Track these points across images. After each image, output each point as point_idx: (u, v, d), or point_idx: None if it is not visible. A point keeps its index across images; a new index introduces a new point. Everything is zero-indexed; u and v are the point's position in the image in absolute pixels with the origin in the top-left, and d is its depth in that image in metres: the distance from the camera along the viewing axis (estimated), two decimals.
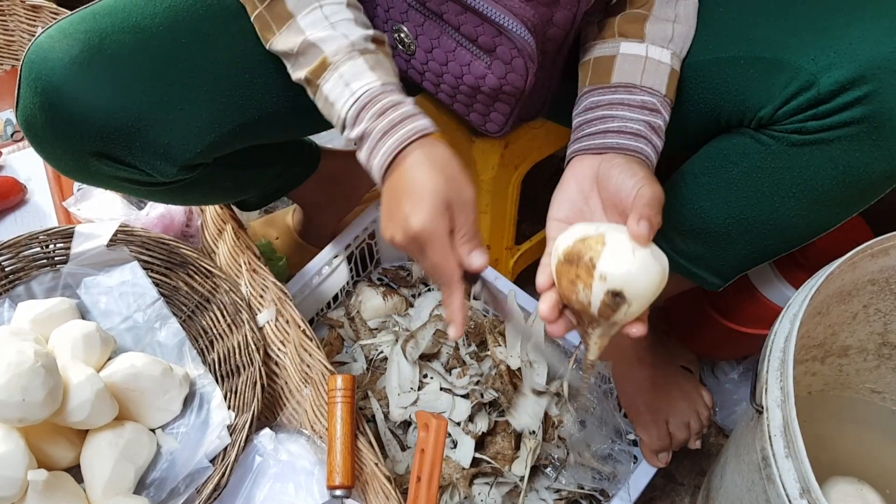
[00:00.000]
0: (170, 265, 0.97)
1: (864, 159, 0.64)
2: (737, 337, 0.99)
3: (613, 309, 0.57)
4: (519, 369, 0.98)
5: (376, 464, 0.81)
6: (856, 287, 0.80)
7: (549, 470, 0.95)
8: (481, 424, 0.96)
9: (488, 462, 0.94)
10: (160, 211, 1.04)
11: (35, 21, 1.29)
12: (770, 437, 0.63)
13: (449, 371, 1.02)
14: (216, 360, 0.94)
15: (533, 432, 0.95)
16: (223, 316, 0.94)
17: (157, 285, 0.98)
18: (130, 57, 0.69)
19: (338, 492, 0.80)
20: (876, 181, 0.66)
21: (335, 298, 1.15)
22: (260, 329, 0.92)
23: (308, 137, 1.04)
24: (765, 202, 0.71)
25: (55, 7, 1.27)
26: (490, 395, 0.96)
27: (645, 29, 0.70)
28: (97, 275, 0.97)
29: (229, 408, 0.90)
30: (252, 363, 0.89)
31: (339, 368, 1.09)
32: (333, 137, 1.34)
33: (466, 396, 0.98)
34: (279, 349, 0.93)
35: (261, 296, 0.94)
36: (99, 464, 0.82)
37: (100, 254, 0.96)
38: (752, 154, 0.69)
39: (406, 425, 1.00)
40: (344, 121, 0.66)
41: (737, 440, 0.80)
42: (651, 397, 0.94)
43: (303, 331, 0.88)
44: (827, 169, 0.66)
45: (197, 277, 0.96)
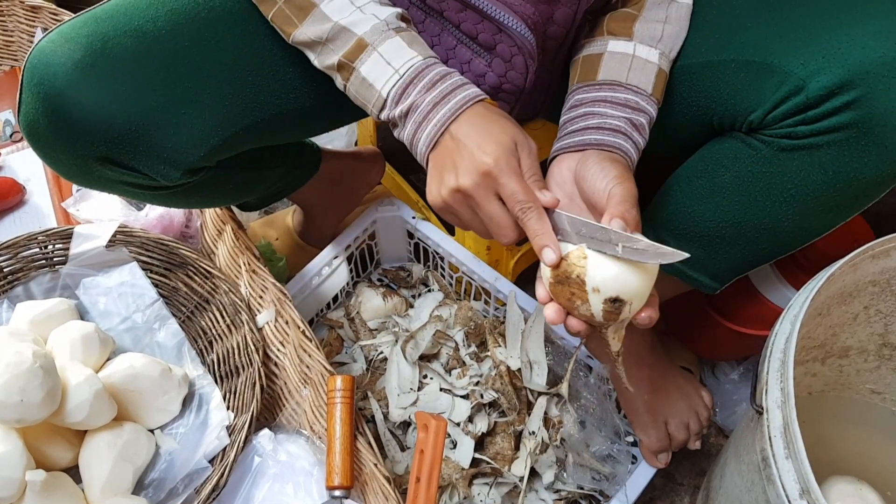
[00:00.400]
0: (169, 266, 0.97)
1: (854, 164, 0.64)
2: (737, 338, 0.99)
3: (617, 313, 0.58)
4: (519, 370, 0.98)
5: (375, 464, 0.81)
6: (857, 288, 0.80)
7: (549, 470, 0.95)
8: (481, 425, 0.95)
9: (488, 462, 0.94)
10: (159, 212, 1.03)
11: (34, 22, 1.29)
12: (770, 438, 0.63)
13: (449, 372, 1.01)
14: (215, 361, 0.94)
15: (533, 433, 0.95)
16: (222, 317, 0.94)
17: (157, 286, 0.97)
18: (133, 61, 0.69)
19: (337, 492, 0.80)
20: (866, 186, 0.66)
21: (335, 299, 1.15)
22: (259, 330, 0.92)
23: (309, 139, 1.04)
24: (757, 206, 0.71)
25: (54, 7, 1.27)
26: (490, 396, 0.96)
27: (634, 28, 0.70)
28: (96, 275, 0.97)
29: (228, 408, 0.90)
30: (251, 364, 0.89)
31: (339, 369, 1.09)
32: (334, 138, 1.34)
33: (466, 397, 0.97)
34: (278, 350, 0.92)
35: (260, 296, 0.94)
36: (97, 464, 0.81)
37: (99, 254, 0.96)
38: (744, 158, 0.69)
39: (405, 426, 0.99)
40: (385, 101, 0.66)
41: (737, 441, 0.80)
42: (650, 398, 0.94)
43: (302, 331, 0.88)
44: (817, 173, 0.65)
45: (196, 278, 0.96)
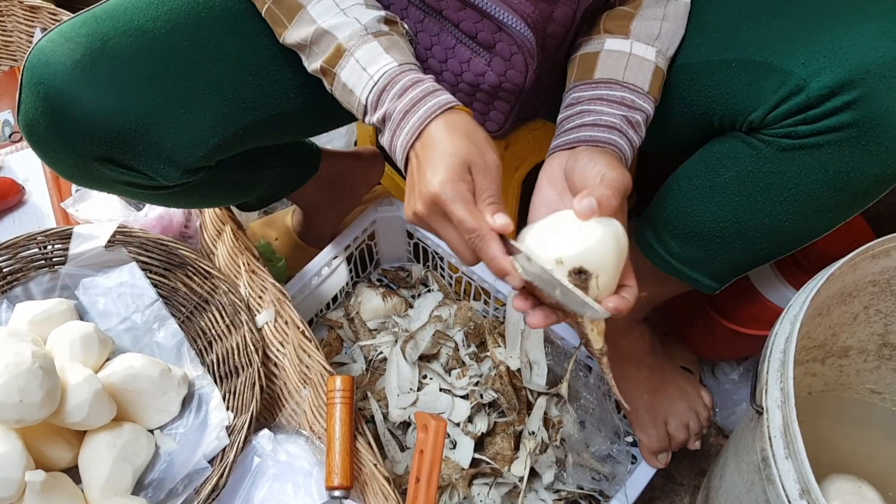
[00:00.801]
0: (168, 266, 0.97)
1: (854, 164, 0.64)
2: (737, 338, 0.99)
3: (584, 287, 0.56)
4: (519, 370, 0.98)
5: (375, 464, 0.81)
6: (856, 288, 0.80)
7: (549, 470, 0.95)
8: (481, 425, 0.95)
9: (488, 463, 0.94)
10: (158, 212, 1.03)
11: (33, 22, 1.29)
12: (770, 438, 0.63)
13: (448, 372, 1.01)
14: (215, 361, 0.94)
15: (532, 433, 0.95)
16: (222, 317, 0.94)
17: (156, 286, 0.97)
18: (133, 60, 0.68)
19: (336, 492, 0.80)
20: (866, 186, 0.66)
21: (334, 299, 1.15)
22: (259, 330, 0.92)
23: (309, 139, 1.04)
24: (757, 206, 0.71)
25: (53, 7, 1.26)
26: (489, 396, 0.96)
27: (630, 26, 0.70)
28: (95, 276, 0.97)
29: (228, 409, 0.90)
30: (251, 364, 0.89)
31: (339, 369, 1.09)
32: (333, 139, 1.34)
33: (466, 397, 0.97)
34: (278, 350, 0.92)
35: (260, 297, 0.94)
36: (97, 464, 0.81)
37: (98, 255, 0.96)
38: (744, 158, 0.69)
39: (405, 426, 0.99)
40: (365, 106, 0.66)
41: (736, 441, 0.79)
42: (650, 398, 0.94)
43: (302, 332, 0.88)
44: (817, 173, 0.65)
45: (195, 278, 0.96)
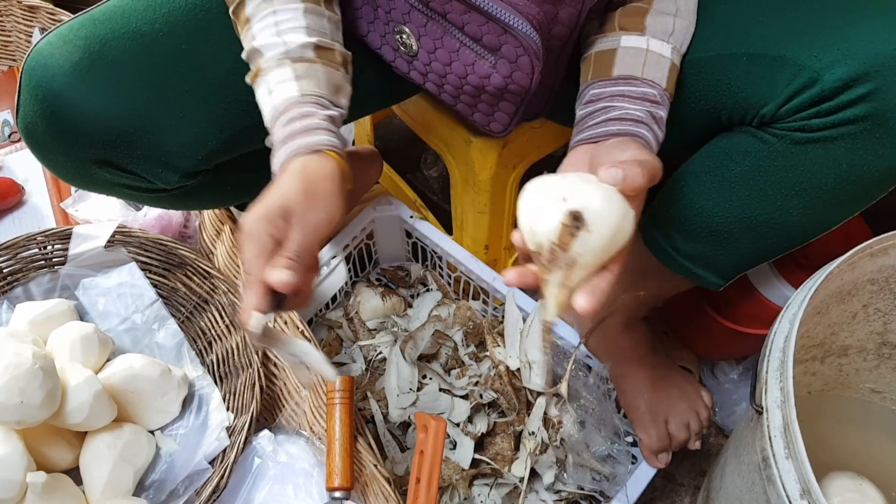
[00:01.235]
0: (168, 266, 0.97)
1: (867, 157, 0.64)
2: (736, 337, 0.99)
3: (572, 234, 0.55)
4: (518, 370, 0.98)
5: (375, 465, 0.81)
6: (855, 287, 0.80)
7: (549, 470, 0.95)
8: (480, 425, 0.95)
9: (488, 463, 0.94)
10: (158, 212, 1.03)
11: (32, 22, 1.29)
12: (770, 438, 0.63)
13: (448, 372, 1.01)
14: (215, 362, 0.94)
15: (532, 433, 0.95)
16: (222, 317, 0.94)
17: (156, 286, 0.97)
18: (131, 63, 0.68)
19: (337, 493, 0.80)
20: (879, 179, 0.66)
21: (333, 299, 1.15)
22: None
23: None
24: (767, 201, 0.71)
25: (52, 7, 1.26)
26: (489, 396, 0.96)
27: (646, 22, 0.70)
28: (95, 276, 0.97)
29: (228, 409, 0.90)
30: (251, 364, 0.89)
31: (338, 369, 1.09)
32: None
33: (465, 397, 0.97)
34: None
35: None
36: (98, 466, 0.81)
37: (98, 255, 0.96)
38: (755, 152, 0.69)
39: (405, 426, 0.99)
40: (267, 127, 0.66)
41: (737, 440, 0.79)
42: (650, 398, 0.94)
43: (301, 332, 0.88)
44: (830, 166, 0.65)
45: (195, 278, 0.96)
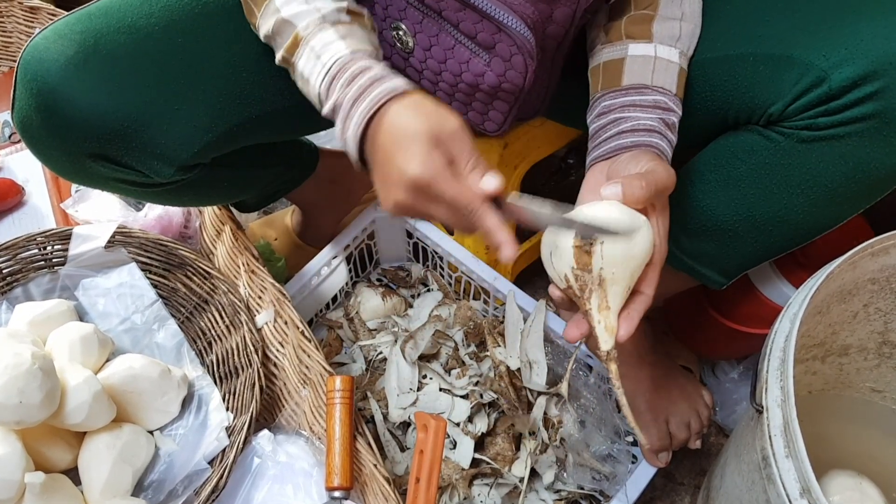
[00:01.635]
0: (168, 266, 0.97)
1: (874, 155, 0.64)
2: (737, 336, 0.99)
3: (587, 251, 0.56)
4: (518, 370, 0.98)
5: (375, 465, 0.81)
6: (856, 286, 0.80)
7: (549, 470, 0.94)
8: (481, 425, 0.95)
9: (488, 463, 0.94)
10: (158, 212, 1.03)
11: (33, 23, 1.29)
12: (770, 437, 0.63)
13: (448, 372, 1.01)
14: (214, 362, 0.94)
15: (533, 433, 0.95)
16: (221, 317, 0.94)
17: (156, 287, 0.97)
18: (126, 57, 0.69)
19: (336, 493, 0.80)
20: (885, 177, 0.66)
21: (334, 299, 1.15)
22: (258, 330, 0.92)
23: (306, 138, 1.04)
24: (773, 199, 0.71)
25: (53, 8, 1.27)
26: (489, 396, 0.96)
27: (652, 29, 0.70)
28: (95, 276, 0.97)
29: (228, 409, 0.89)
30: (251, 364, 0.89)
31: (338, 369, 1.09)
32: (332, 138, 1.34)
33: (466, 397, 0.97)
34: (278, 350, 0.92)
35: (259, 297, 0.94)
36: (97, 466, 0.81)
37: (98, 255, 0.95)
38: (761, 151, 0.69)
39: (405, 426, 0.99)
40: (319, 95, 0.65)
41: (737, 440, 0.79)
42: (651, 397, 0.94)
43: (301, 332, 0.87)
44: (837, 165, 0.66)
45: (195, 279, 0.96)
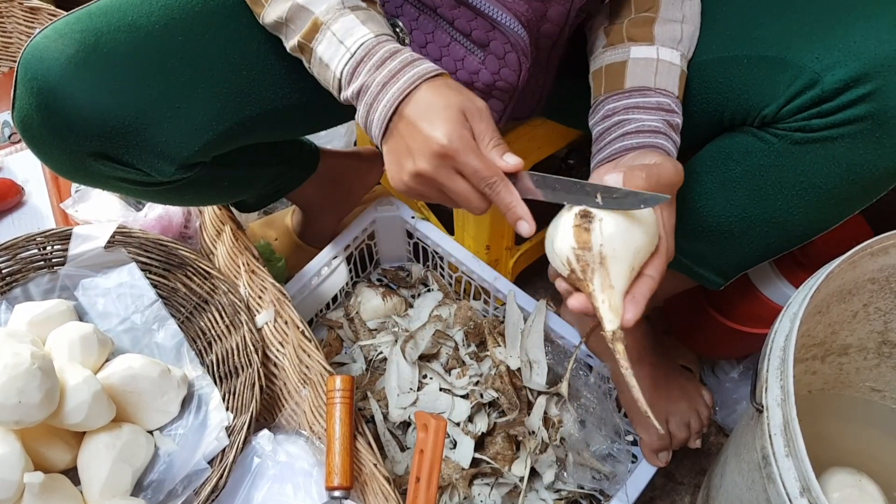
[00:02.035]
0: (168, 266, 0.97)
1: (868, 157, 0.64)
2: (737, 336, 0.99)
3: (587, 229, 0.57)
4: (519, 369, 0.98)
5: (375, 464, 0.81)
6: (856, 286, 0.80)
7: (549, 470, 0.94)
8: (481, 425, 0.95)
9: (488, 462, 0.94)
10: (158, 212, 1.03)
11: (33, 23, 1.29)
12: (770, 436, 0.63)
13: (448, 371, 1.01)
14: (214, 362, 0.94)
15: (533, 433, 0.95)
16: (221, 317, 0.94)
17: (156, 287, 0.97)
18: (126, 56, 0.69)
19: (336, 493, 0.80)
20: (879, 178, 0.66)
21: (334, 299, 1.15)
22: (258, 330, 0.92)
23: (307, 138, 1.04)
24: (768, 200, 0.71)
25: (53, 9, 1.27)
26: (489, 396, 0.96)
27: (654, 31, 0.70)
28: (95, 276, 0.97)
29: (228, 409, 0.89)
30: (251, 364, 0.89)
31: (338, 369, 1.09)
32: (333, 139, 1.34)
33: (466, 397, 0.97)
34: (278, 350, 0.92)
35: (259, 297, 0.94)
36: (96, 466, 0.81)
37: (97, 255, 0.95)
38: (756, 152, 0.69)
39: (405, 426, 0.99)
40: (340, 80, 0.65)
41: (737, 439, 0.79)
42: (651, 397, 0.94)
43: (301, 332, 0.87)
44: (830, 166, 0.66)
45: (195, 279, 0.96)
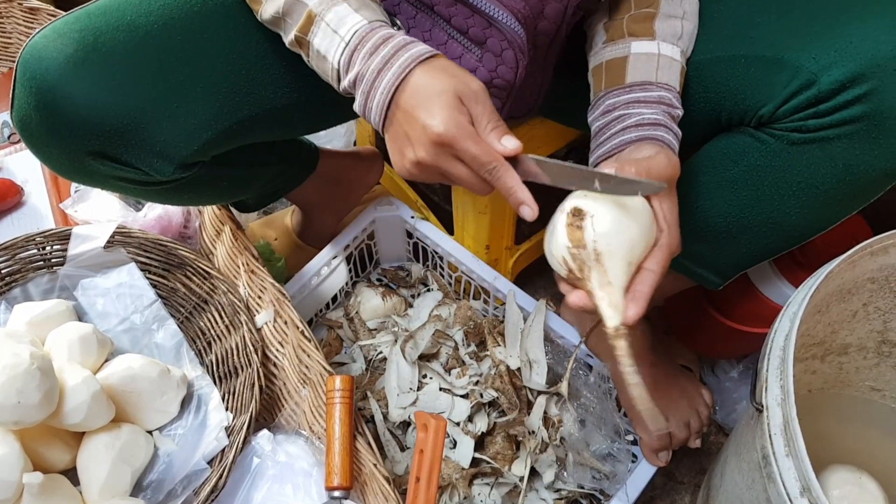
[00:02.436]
0: (167, 266, 0.97)
1: (864, 157, 0.64)
2: (737, 336, 0.99)
3: (579, 226, 0.57)
4: (518, 369, 0.98)
5: (375, 464, 0.81)
6: (855, 285, 0.80)
7: (549, 469, 0.94)
8: (480, 424, 0.95)
9: (488, 462, 0.94)
10: (158, 212, 1.03)
11: (33, 23, 1.29)
12: (770, 436, 0.63)
13: (448, 371, 1.01)
14: (214, 362, 0.94)
15: (532, 432, 0.95)
16: (221, 317, 0.94)
17: (155, 287, 0.97)
18: (125, 55, 0.69)
19: (336, 493, 0.80)
20: (876, 179, 0.66)
21: (334, 299, 1.15)
22: (258, 330, 0.92)
23: (306, 138, 1.04)
24: (765, 201, 0.71)
25: (52, 9, 1.26)
26: (489, 396, 0.96)
27: (654, 27, 0.70)
28: (94, 276, 0.97)
29: (227, 409, 0.89)
30: (250, 364, 0.88)
31: (338, 369, 1.09)
32: (333, 138, 1.34)
33: (466, 397, 0.97)
34: (277, 350, 0.92)
35: (259, 297, 0.94)
36: (95, 466, 0.81)
37: (97, 255, 0.95)
38: (753, 153, 0.69)
39: (405, 426, 0.99)
40: (338, 71, 0.64)
41: (737, 439, 0.79)
42: (651, 396, 0.94)
43: (301, 332, 0.87)
44: (827, 167, 0.66)
45: (195, 279, 0.96)
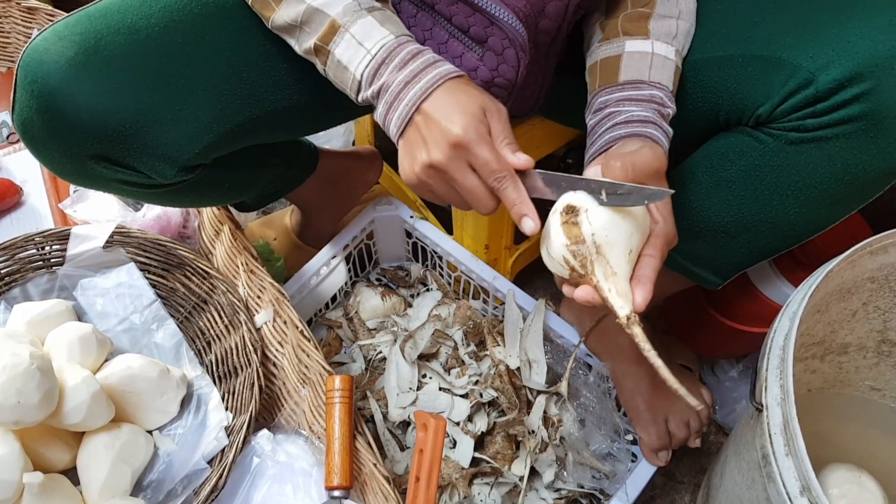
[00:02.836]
0: (167, 266, 0.97)
1: (862, 157, 0.64)
2: (736, 335, 0.99)
3: (574, 223, 0.57)
4: (518, 369, 0.98)
5: (375, 464, 0.81)
6: (855, 284, 0.80)
7: (549, 469, 0.94)
8: (480, 424, 0.95)
9: (488, 462, 0.94)
10: (157, 212, 1.03)
11: (31, 23, 1.29)
12: (770, 436, 0.63)
13: (448, 371, 1.01)
14: (214, 362, 0.94)
15: (532, 432, 0.95)
16: (221, 317, 0.94)
17: (154, 286, 0.97)
18: (126, 58, 0.68)
19: (336, 492, 0.80)
20: (874, 178, 0.66)
21: (333, 299, 1.15)
22: (258, 330, 0.92)
23: (306, 138, 1.04)
24: (763, 200, 0.71)
25: (51, 9, 1.26)
26: (489, 395, 0.96)
27: (649, 26, 0.70)
28: (93, 276, 0.97)
29: (227, 409, 0.89)
30: (250, 364, 0.88)
31: (338, 369, 1.09)
32: (332, 138, 1.34)
33: (465, 396, 0.97)
34: (277, 350, 0.92)
35: (258, 297, 0.94)
36: (95, 466, 0.81)
37: (96, 255, 0.95)
38: (751, 152, 0.69)
39: (405, 425, 0.99)
40: (360, 82, 0.65)
41: (737, 438, 0.79)
42: (651, 396, 0.94)
43: (301, 331, 0.87)
44: (825, 166, 0.66)
45: (194, 278, 0.96)
